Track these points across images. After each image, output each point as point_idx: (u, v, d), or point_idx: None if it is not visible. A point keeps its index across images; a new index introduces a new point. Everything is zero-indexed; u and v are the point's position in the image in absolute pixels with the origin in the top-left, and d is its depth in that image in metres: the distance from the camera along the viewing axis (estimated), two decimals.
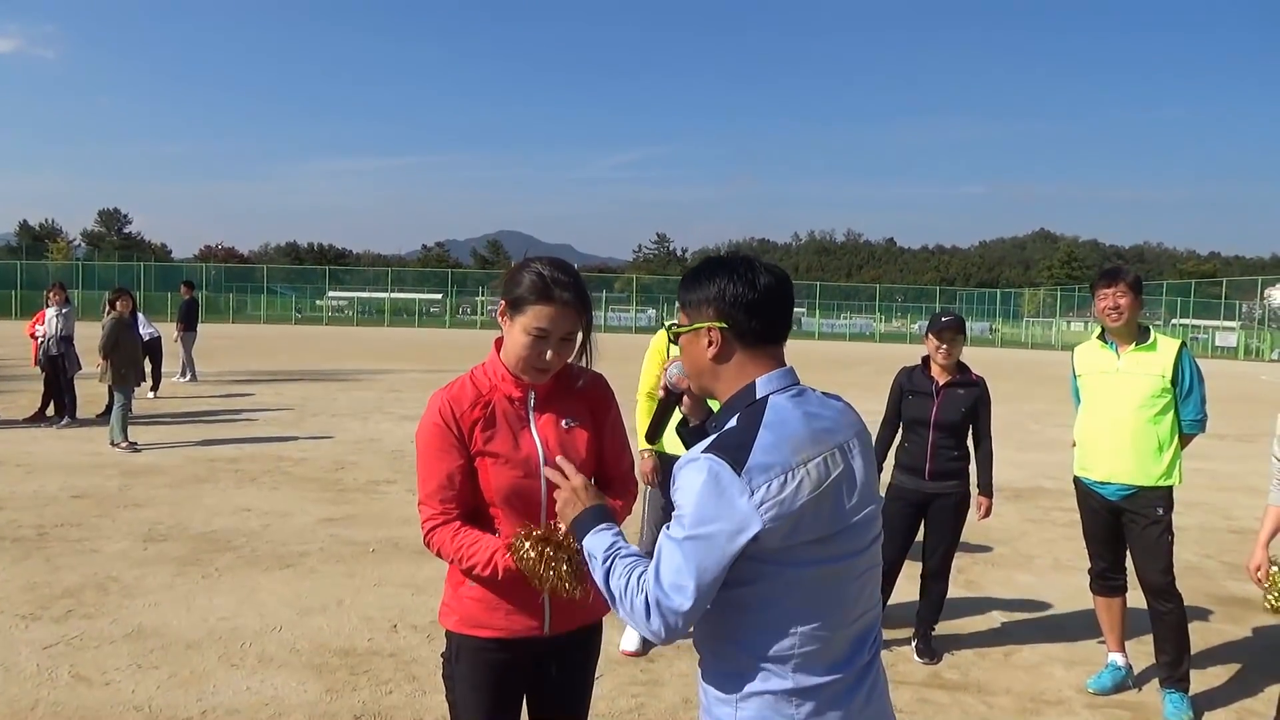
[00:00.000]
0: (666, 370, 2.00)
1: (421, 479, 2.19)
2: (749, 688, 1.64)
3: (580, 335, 2.21)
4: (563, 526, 1.98)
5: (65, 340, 11.47)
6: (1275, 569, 3.29)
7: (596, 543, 1.77)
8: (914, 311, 68.79)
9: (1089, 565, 4.41)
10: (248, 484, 8.20)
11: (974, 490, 4.61)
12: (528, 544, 2.01)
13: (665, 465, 4.81)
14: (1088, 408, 4.26)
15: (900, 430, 4.66)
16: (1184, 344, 4.13)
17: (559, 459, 2.00)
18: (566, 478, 1.93)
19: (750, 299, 1.70)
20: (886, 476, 4.79)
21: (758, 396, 1.68)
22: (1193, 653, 4.19)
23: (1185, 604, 4.14)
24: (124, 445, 9.61)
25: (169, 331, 16.05)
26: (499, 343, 2.24)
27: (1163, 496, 4.03)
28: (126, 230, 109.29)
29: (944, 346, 4.52)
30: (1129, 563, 4.25)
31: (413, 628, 4.74)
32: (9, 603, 4.95)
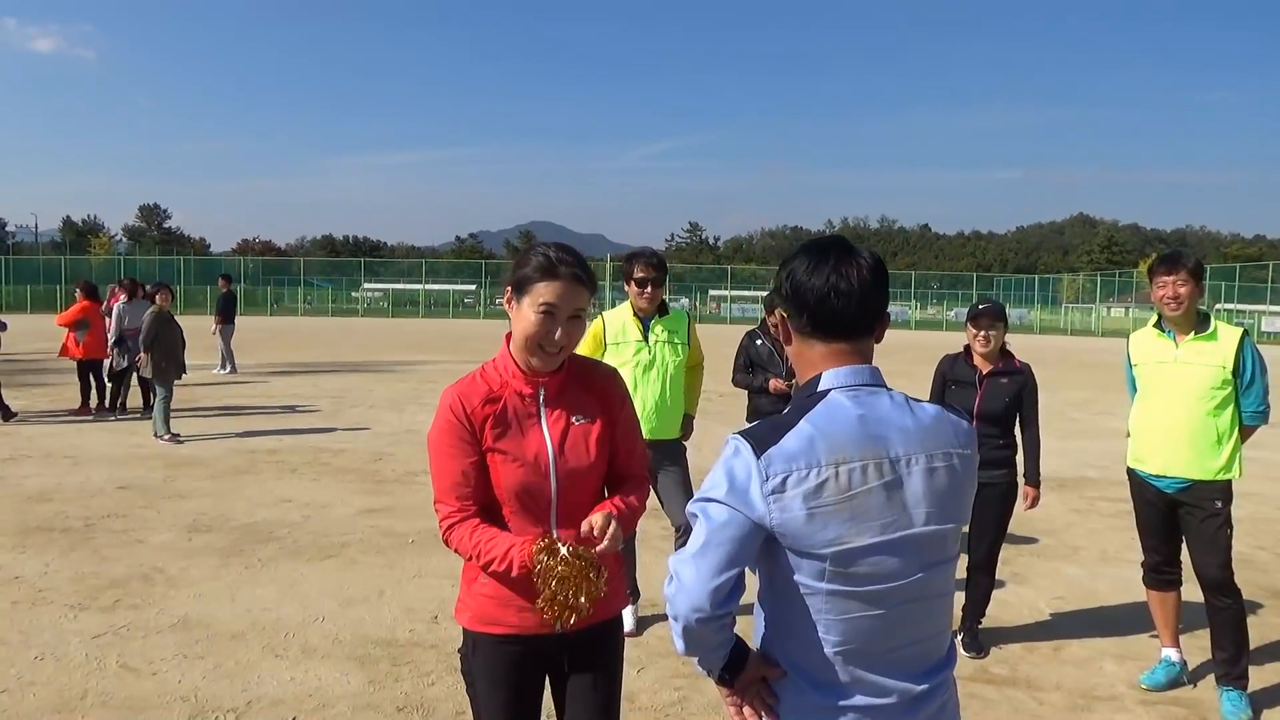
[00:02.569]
0: None
1: (436, 476, 2.17)
2: (784, 694, 1.60)
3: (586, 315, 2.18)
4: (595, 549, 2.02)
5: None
6: None
7: None
8: (950, 298, 67.97)
9: (1142, 558, 4.29)
10: (288, 475, 8.29)
11: (1020, 480, 4.51)
12: (552, 555, 2.00)
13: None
14: (1144, 398, 4.14)
15: None
16: (1246, 333, 3.98)
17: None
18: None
19: (796, 292, 1.63)
20: None
21: (819, 389, 1.61)
22: (1250, 648, 4.08)
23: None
24: (167, 437, 9.76)
25: (206, 324, 16.27)
26: (509, 337, 2.21)
27: (1221, 490, 3.91)
28: (166, 225, 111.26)
29: (982, 334, 4.43)
30: (1184, 556, 4.14)
31: (453, 619, 4.74)
32: (59, 593, 5.03)
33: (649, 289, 4.62)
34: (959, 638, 4.55)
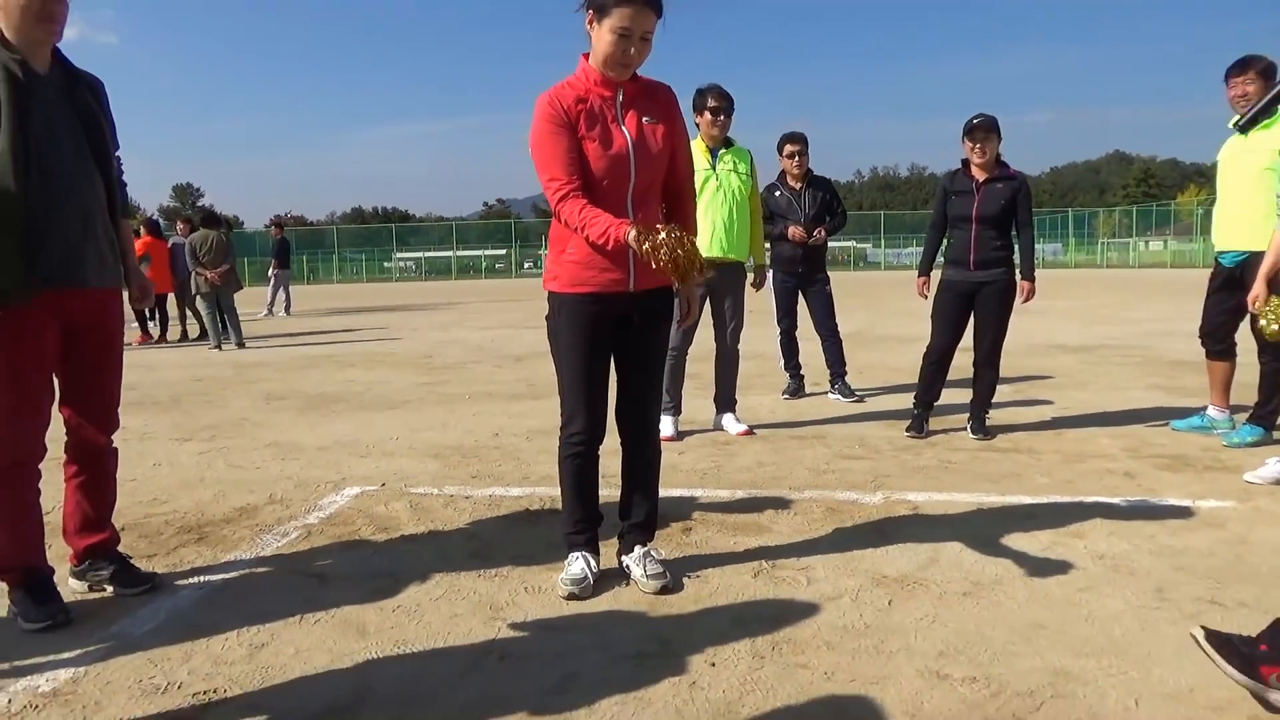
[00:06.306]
0: None
1: (545, 162, 2.60)
2: None
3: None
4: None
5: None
6: (1276, 299, 3.58)
7: None
8: None
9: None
10: (347, 367, 8.91)
11: (1017, 277, 4.91)
12: (657, 234, 2.36)
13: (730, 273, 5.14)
14: (1220, 191, 4.63)
15: (947, 229, 5.00)
16: None
17: None
18: None
19: None
20: (937, 274, 5.16)
21: None
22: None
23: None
24: (216, 347, 11.05)
25: (251, 295, 16.89)
26: (586, 56, 2.68)
27: None
28: (200, 204, 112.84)
29: (978, 146, 4.81)
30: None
31: (513, 435, 5.31)
32: (163, 433, 5.67)
33: (722, 117, 4.98)
34: (968, 426, 5.02)
